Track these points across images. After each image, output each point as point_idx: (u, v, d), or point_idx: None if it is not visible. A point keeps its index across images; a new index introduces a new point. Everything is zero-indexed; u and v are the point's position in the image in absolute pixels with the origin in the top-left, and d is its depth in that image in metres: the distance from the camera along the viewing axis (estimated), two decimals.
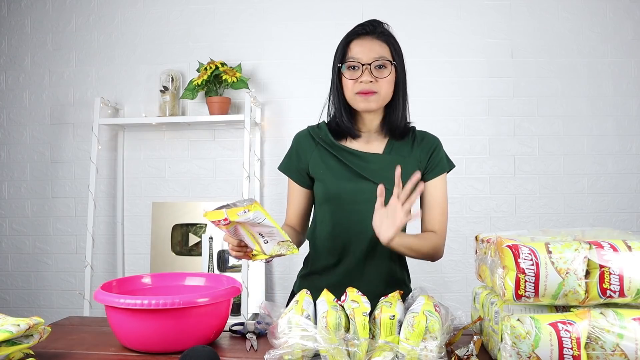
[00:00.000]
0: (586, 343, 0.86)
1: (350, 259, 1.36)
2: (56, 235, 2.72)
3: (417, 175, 1.18)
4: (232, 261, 2.53)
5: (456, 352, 1.00)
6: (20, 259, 2.74)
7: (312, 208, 1.48)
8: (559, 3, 2.58)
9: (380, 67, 1.29)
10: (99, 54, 2.71)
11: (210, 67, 2.44)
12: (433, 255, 1.36)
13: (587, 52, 2.57)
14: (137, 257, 2.69)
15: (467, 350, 0.99)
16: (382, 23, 1.35)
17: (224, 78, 2.44)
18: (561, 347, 0.85)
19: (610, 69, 2.57)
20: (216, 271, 2.50)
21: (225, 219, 1.07)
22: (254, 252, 1.17)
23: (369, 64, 1.28)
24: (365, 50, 1.29)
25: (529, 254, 0.91)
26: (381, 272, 1.37)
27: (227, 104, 2.52)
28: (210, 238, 2.52)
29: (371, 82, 1.28)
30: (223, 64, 2.47)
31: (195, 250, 2.61)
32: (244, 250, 1.18)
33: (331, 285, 1.26)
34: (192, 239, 2.63)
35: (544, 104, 2.58)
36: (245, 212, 1.07)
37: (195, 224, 2.63)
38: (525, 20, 2.58)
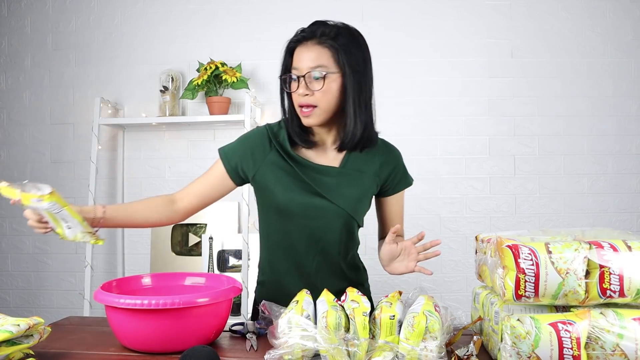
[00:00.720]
0: (586, 343, 0.86)
1: (302, 270, 1.33)
2: (56, 235, 2.72)
3: (438, 241, 1.18)
4: (232, 261, 2.53)
5: (456, 352, 1.00)
6: (20, 259, 2.74)
7: (216, 201, 1.39)
8: (559, 3, 2.58)
9: (316, 77, 1.17)
10: (99, 54, 2.71)
11: (210, 67, 2.44)
12: None
13: (587, 52, 2.57)
14: (137, 257, 2.69)
15: (467, 350, 0.99)
16: (326, 24, 1.21)
17: (224, 78, 2.44)
18: (561, 347, 0.85)
19: (610, 69, 2.56)
20: (216, 271, 2.50)
21: (19, 200, 1.05)
22: (58, 233, 1.14)
23: (303, 76, 1.18)
24: (301, 60, 1.18)
25: (529, 254, 0.91)
26: (334, 280, 1.33)
27: (227, 104, 2.52)
28: (210, 238, 2.52)
29: (307, 95, 1.18)
30: (223, 64, 2.47)
31: (195, 250, 2.61)
32: (46, 227, 1.12)
33: (288, 293, 1.20)
34: (192, 239, 2.63)
35: (544, 104, 2.58)
36: (39, 200, 1.05)
37: (195, 224, 2.63)
38: (525, 20, 2.58)
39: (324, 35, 1.18)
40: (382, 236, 1.43)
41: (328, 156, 1.30)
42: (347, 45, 1.19)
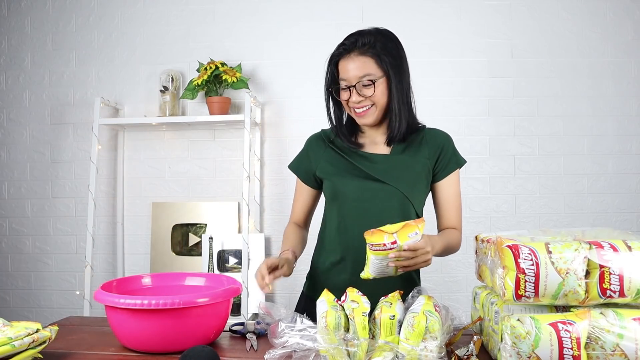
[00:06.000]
0: (586, 343, 0.86)
1: (356, 254, 1.35)
2: (56, 235, 2.72)
3: None
4: (232, 261, 2.53)
5: (456, 352, 1.00)
6: (20, 259, 2.74)
7: (316, 207, 1.53)
8: (559, 3, 2.58)
9: (365, 85, 1.29)
10: (99, 54, 2.71)
11: (210, 67, 2.44)
12: (453, 251, 1.39)
13: (587, 52, 2.57)
14: (137, 257, 2.69)
15: (467, 350, 0.99)
16: (362, 34, 1.30)
17: (224, 78, 2.44)
18: (561, 347, 0.85)
19: (610, 69, 2.56)
20: (216, 271, 2.50)
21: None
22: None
23: (354, 86, 1.29)
24: (349, 70, 1.29)
25: (529, 254, 0.91)
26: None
27: (227, 104, 2.52)
28: (210, 238, 2.52)
29: (361, 100, 1.30)
30: (223, 64, 2.47)
31: (195, 250, 2.61)
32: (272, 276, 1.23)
33: (339, 282, 1.32)
34: (192, 239, 2.63)
35: (544, 104, 2.58)
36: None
37: (195, 224, 2.63)
38: (525, 20, 2.58)
39: (364, 45, 1.29)
40: (440, 229, 1.44)
41: (378, 147, 1.41)
42: (385, 49, 1.30)
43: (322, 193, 1.47)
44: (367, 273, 1.14)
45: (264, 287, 1.21)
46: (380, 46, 1.29)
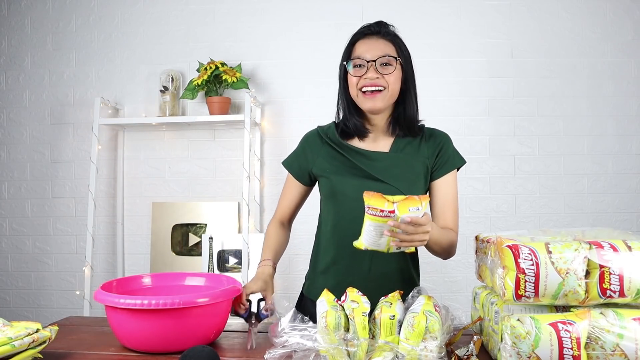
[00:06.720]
0: (586, 343, 0.86)
1: (353, 255, 1.33)
2: (56, 235, 2.72)
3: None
4: (232, 261, 2.53)
5: (456, 352, 1.00)
6: (20, 259, 2.74)
7: (302, 205, 1.52)
8: (559, 3, 2.58)
9: (385, 64, 1.30)
10: (99, 54, 2.71)
11: (210, 67, 2.44)
12: (449, 252, 1.35)
13: (587, 52, 2.57)
14: (137, 257, 2.69)
15: (467, 350, 0.99)
16: (388, 25, 1.37)
17: (224, 78, 2.44)
18: (561, 347, 0.85)
19: (610, 69, 2.56)
20: (216, 271, 2.50)
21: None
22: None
23: (374, 61, 1.30)
24: (370, 49, 1.31)
25: (529, 254, 0.91)
26: (388, 269, 1.35)
27: (227, 104, 2.52)
28: (210, 238, 2.52)
29: (377, 78, 1.30)
30: (223, 64, 2.47)
31: (195, 250, 2.61)
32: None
33: (338, 282, 1.31)
34: (192, 239, 2.63)
35: (544, 104, 2.58)
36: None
37: (195, 224, 2.63)
38: (525, 20, 2.58)
39: (387, 33, 1.35)
40: None
41: (378, 145, 1.40)
42: (404, 45, 1.37)
43: (318, 191, 1.45)
44: (360, 242, 1.09)
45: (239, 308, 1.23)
46: (400, 41, 1.37)
